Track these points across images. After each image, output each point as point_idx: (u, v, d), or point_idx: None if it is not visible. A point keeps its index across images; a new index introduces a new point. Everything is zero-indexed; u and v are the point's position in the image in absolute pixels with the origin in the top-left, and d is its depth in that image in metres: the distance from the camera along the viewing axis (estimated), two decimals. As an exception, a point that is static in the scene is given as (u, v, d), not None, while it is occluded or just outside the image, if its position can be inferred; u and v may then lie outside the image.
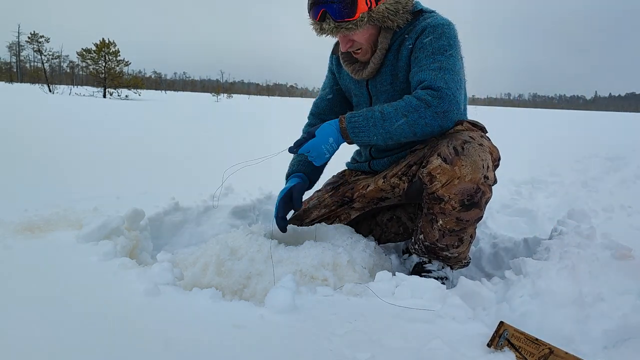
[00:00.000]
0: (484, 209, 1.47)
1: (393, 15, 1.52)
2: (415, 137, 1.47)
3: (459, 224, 1.45)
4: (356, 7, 1.45)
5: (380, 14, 1.50)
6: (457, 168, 1.38)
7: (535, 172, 4.07)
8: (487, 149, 1.45)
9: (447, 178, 1.40)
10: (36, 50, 38.86)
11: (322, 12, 1.47)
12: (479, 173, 1.39)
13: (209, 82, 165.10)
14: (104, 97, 25.96)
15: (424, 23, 1.53)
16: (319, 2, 1.47)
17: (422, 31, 1.51)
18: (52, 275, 1.23)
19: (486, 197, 1.44)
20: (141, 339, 0.94)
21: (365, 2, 1.47)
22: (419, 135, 1.45)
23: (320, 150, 1.45)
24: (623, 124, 18.60)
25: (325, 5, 1.46)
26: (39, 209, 1.86)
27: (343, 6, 1.44)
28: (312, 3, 1.50)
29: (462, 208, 1.41)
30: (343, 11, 1.45)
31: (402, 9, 1.53)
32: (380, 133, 1.43)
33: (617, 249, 1.50)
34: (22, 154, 3.53)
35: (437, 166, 1.41)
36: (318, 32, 1.54)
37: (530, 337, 0.95)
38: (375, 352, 0.93)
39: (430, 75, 1.44)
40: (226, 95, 56.18)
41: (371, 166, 1.80)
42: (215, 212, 2.19)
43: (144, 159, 3.84)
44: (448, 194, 1.41)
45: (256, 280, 1.40)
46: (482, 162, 1.40)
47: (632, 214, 2.47)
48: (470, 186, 1.39)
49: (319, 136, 1.45)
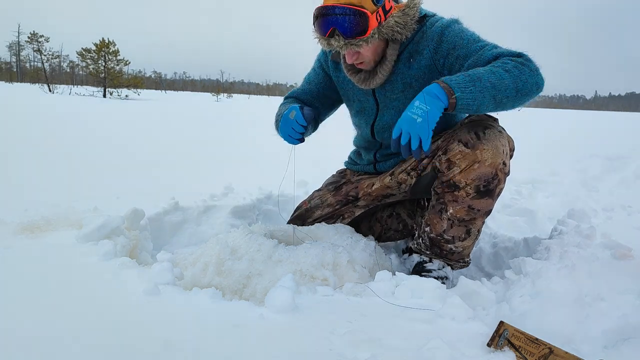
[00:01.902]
0: (495, 201, 1.49)
1: (402, 28, 1.47)
2: (514, 99, 1.32)
3: (470, 212, 1.47)
4: (368, 24, 1.39)
5: (389, 28, 1.45)
6: (478, 152, 1.41)
7: (535, 172, 4.06)
8: (505, 136, 1.48)
9: (468, 162, 1.42)
10: (36, 50, 38.84)
11: (332, 29, 1.41)
12: (499, 158, 1.41)
13: (209, 82, 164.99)
14: (103, 97, 25.95)
15: (437, 28, 1.48)
16: (329, 19, 1.40)
17: (441, 35, 1.47)
18: (52, 275, 1.23)
19: (500, 187, 1.46)
20: (141, 339, 0.94)
21: (376, 17, 1.41)
22: (521, 92, 1.31)
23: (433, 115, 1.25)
24: (623, 124, 18.60)
25: (336, 23, 1.39)
26: (39, 208, 1.86)
27: (355, 24, 1.38)
28: (320, 19, 1.42)
29: (477, 195, 1.43)
30: (354, 29, 1.39)
31: (410, 20, 1.49)
32: (487, 89, 1.27)
33: (617, 248, 1.50)
34: (22, 154, 3.53)
35: (457, 152, 1.43)
36: (325, 46, 1.48)
37: (530, 336, 0.96)
38: (375, 351, 0.93)
39: (498, 50, 1.38)
40: (226, 95, 56.19)
41: (377, 168, 1.80)
42: (215, 212, 2.19)
43: (144, 158, 3.85)
44: (465, 180, 1.43)
45: (256, 280, 1.40)
46: (502, 147, 1.43)
47: (632, 213, 2.48)
48: (489, 171, 1.41)
49: (425, 102, 1.26)
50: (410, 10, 1.49)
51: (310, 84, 1.82)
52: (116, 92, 29.49)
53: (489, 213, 1.51)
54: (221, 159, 4.16)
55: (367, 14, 1.38)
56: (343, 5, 1.37)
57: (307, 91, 1.82)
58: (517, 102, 1.35)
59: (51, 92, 26.88)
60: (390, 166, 1.74)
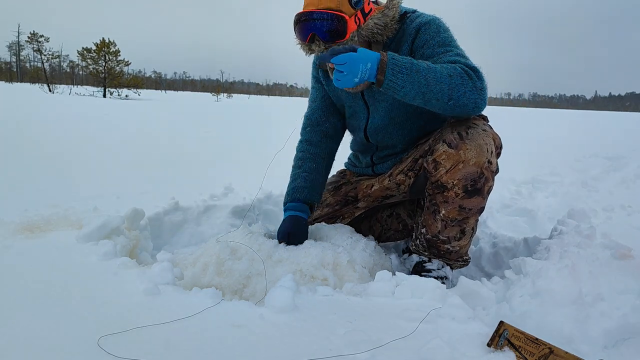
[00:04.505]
0: (486, 198, 1.48)
1: (382, 29, 1.47)
2: (445, 105, 1.34)
3: (462, 212, 1.46)
4: (346, 27, 1.40)
5: (369, 31, 1.45)
6: (462, 152, 1.41)
7: (535, 171, 4.07)
8: (490, 135, 1.47)
9: (452, 163, 1.42)
10: (36, 49, 38.85)
11: (311, 35, 1.42)
12: (483, 157, 1.41)
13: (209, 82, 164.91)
14: (103, 97, 25.96)
15: (415, 24, 1.48)
16: (308, 25, 1.41)
17: (417, 31, 1.48)
18: (52, 275, 1.23)
19: (488, 184, 1.46)
20: (141, 339, 0.94)
21: (355, 20, 1.41)
22: (453, 101, 1.33)
23: (356, 67, 1.27)
24: (623, 124, 18.60)
25: (314, 29, 1.40)
26: (39, 208, 1.86)
27: (333, 29, 1.39)
28: (299, 25, 1.43)
29: (465, 194, 1.43)
30: (333, 34, 1.40)
31: (390, 21, 1.49)
32: (419, 83, 1.29)
33: (617, 248, 1.50)
34: (22, 154, 3.53)
35: (442, 152, 1.43)
36: (307, 52, 1.49)
37: (530, 336, 0.96)
38: (375, 351, 0.93)
39: (457, 58, 1.39)
40: (226, 95, 56.18)
41: (375, 170, 1.81)
42: (215, 212, 2.19)
43: (144, 158, 3.85)
44: (452, 180, 1.42)
45: (256, 280, 1.40)
46: (486, 146, 1.42)
47: (632, 213, 2.47)
48: (474, 170, 1.41)
49: (360, 53, 1.29)
50: (390, 11, 1.48)
51: (315, 101, 1.81)
52: (116, 92, 29.51)
53: (481, 211, 1.51)
54: (221, 158, 4.16)
55: (345, 17, 1.38)
56: (321, 11, 1.38)
57: (316, 109, 1.80)
58: (448, 109, 1.36)
59: (51, 92, 26.90)
60: (388, 168, 1.75)
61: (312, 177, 1.72)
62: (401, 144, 1.69)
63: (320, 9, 1.39)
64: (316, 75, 1.79)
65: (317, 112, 1.80)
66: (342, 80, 1.31)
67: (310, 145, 1.78)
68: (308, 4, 1.42)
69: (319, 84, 1.79)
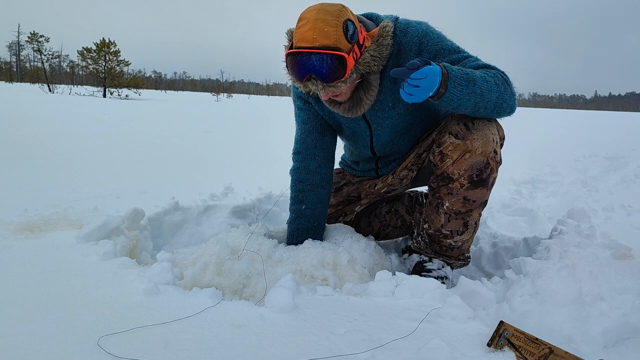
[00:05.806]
0: (489, 191, 1.50)
1: (378, 60, 1.39)
2: (489, 112, 1.37)
3: (466, 204, 1.48)
4: (345, 67, 1.29)
5: (366, 65, 1.37)
6: (468, 142, 1.42)
7: (535, 171, 4.07)
8: (495, 125, 1.48)
9: (459, 153, 1.43)
10: (36, 49, 38.89)
11: (309, 75, 1.30)
12: (490, 146, 1.42)
13: (209, 82, 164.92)
14: (103, 97, 25.96)
15: (412, 37, 1.42)
16: (305, 66, 1.28)
17: (420, 45, 1.42)
18: (52, 275, 1.23)
19: (493, 176, 1.47)
20: (141, 339, 0.94)
21: (352, 56, 1.31)
22: (497, 109, 1.36)
23: (434, 80, 1.24)
24: (623, 124, 18.60)
25: (313, 70, 1.28)
26: (39, 208, 1.86)
27: (333, 70, 1.27)
28: (295, 66, 1.30)
29: (470, 185, 1.44)
30: (333, 75, 1.28)
31: (385, 50, 1.40)
32: (474, 93, 1.29)
33: (617, 248, 1.50)
34: (22, 154, 3.53)
35: (448, 144, 1.44)
36: (301, 89, 1.36)
37: (530, 336, 0.96)
38: (375, 351, 0.93)
39: (482, 62, 1.39)
40: (226, 95, 56.20)
41: (379, 173, 1.80)
42: (215, 211, 2.19)
43: (144, 158, 3.85)
44: (458, 171, 1.44)
45: (256, 280, 1.40)
46: (492, 135, 1.44)
47: (632, 213, 2.48)
48: (480, 159, 1.42)
49: (433, 66, 1.25)
50: (384, 40, 1.39)
51: (307, 122, 1.66)
52: (116, 91, 29.50)
53: (484, 204, 1.52)
54: (221, 158, 4.16)
55: (344, 56, 1.27)
56: (319, 52, 1.25)
57: (311, 130, 1.66)
58: (489, 115, 1.40)
59: (51, 92, 26.90)
60: (391, 168, 1.75)
61: (316, 212, 1.65)
62: (407, 148, 1.70)
63: (317, 47, 1.25)
64: (301, 94, 1.63)
65: (312, 133, 1.66)
66: (416, 95, 1.25)
67: (308, 173, 1.66)
68: (301, 40, 1.27)
69: (307, 104, 1.65)
